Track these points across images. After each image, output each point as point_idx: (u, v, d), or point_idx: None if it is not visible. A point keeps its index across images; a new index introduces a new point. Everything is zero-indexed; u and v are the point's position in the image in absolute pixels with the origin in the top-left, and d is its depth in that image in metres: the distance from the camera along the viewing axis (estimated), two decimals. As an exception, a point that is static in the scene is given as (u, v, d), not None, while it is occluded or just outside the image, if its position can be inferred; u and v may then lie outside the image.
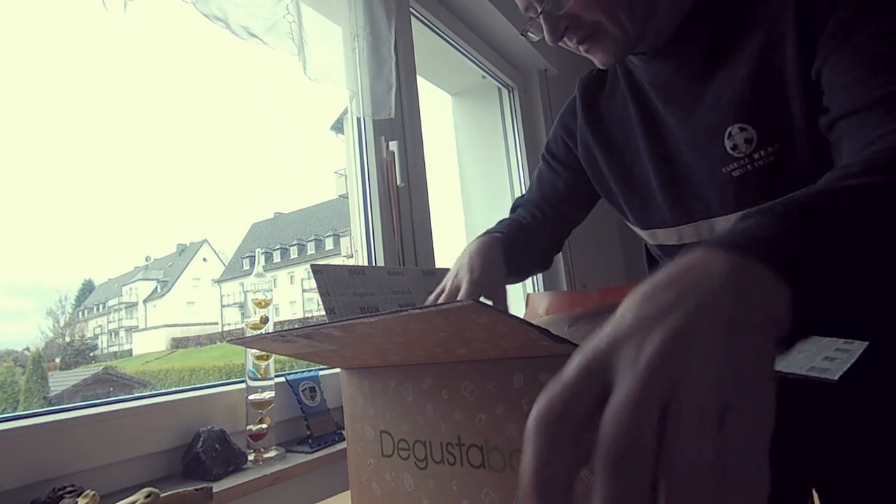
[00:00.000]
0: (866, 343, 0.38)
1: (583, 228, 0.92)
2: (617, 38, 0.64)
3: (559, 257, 1.89)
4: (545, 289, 1.82)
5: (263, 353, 0.88)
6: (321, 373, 1.02)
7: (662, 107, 0.69)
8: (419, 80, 1.44)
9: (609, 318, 0.26)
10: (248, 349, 0.89)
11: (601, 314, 0.65)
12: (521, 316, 0.78)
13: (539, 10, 0.63)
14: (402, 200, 1.30)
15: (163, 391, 0.89)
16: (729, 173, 0.62)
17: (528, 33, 0.70)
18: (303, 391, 0.96)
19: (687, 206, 0.68)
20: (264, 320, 0.89)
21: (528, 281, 1.83)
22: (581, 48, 0.67)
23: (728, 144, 0.61)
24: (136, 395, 0.88)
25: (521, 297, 0.77)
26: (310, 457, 0.85)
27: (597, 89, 0.80)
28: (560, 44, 0.68)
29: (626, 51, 0.66)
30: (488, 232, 0.82)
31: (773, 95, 0.57)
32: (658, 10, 0.63)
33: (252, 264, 0.97)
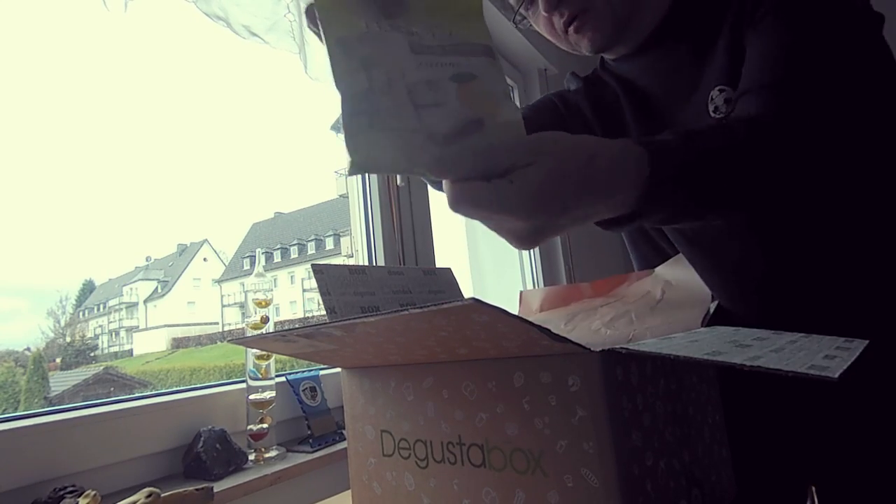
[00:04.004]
0: (867, 342, 0.38)
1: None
2: (607, 16, 0.66)
3: (558, 252, 1.89)
4: (545, 285, 1.82)
5: (264, 352, 0.88)
6: (322, 372, 1.02)
7: (660, 96, 0.71)
8: (419, 79, 1.44)
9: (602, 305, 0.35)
10: (249, 349, 0.89)
11: (595, 309, 0.65)
12: (516, 314, 0.78)
13: None
14: (402, 200, 1.30)
15: (163, 391, 0.89)
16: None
17: (519, 25, 0.72)
18: (303, 391, 0.96)
19: None
20: (265, 320, 0.89)
21: (527, 277, 1.83)
22: (571, 29, 0.68)
23: (711, 108, 0.64)
24: (137, 395, 0.88)
25: (516, 295, 0.77)
26: (310, 456, 0.86)
27: (593, 87, 0.81)
28: (550, 32, 0.70)
29: (613, 34, 0.68)
30: None
31: (743, 60, 0.61)
32: None
33: (252, 264, 0.97)
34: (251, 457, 0.84)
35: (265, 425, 0.86)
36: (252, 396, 0.87)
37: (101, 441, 0.73)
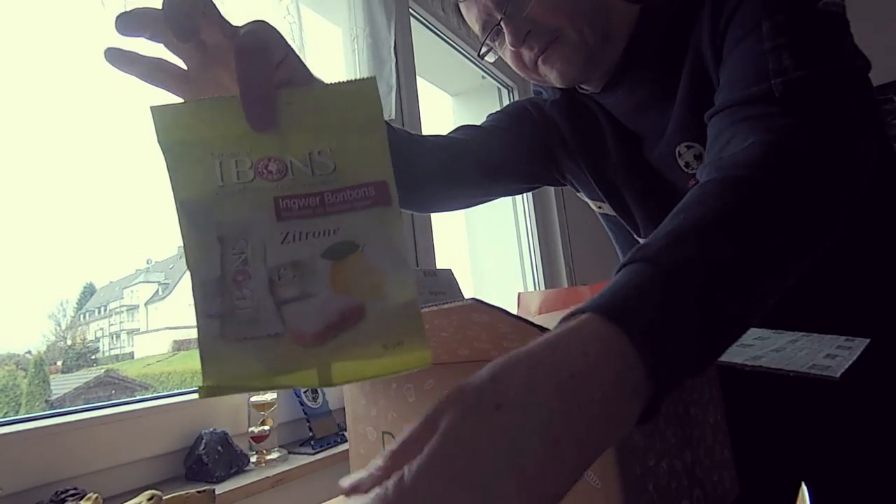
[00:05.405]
0: (867, 340, 0.38)
1: (583, 224, 0.91)
2: (577, 47, 0.63)
3: (559, 252, 1.89)
4: (546, 287, 1.82)
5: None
6: (323, 374, 1.02)
7: (635, 131, 0.69)
8: (419, 80, 1.44)
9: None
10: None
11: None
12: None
13: (499, 17, 0.62)
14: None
15: (165, 394, 0.89)
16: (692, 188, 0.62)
17: (486, 57, 0.69)
18: (305, 393, 0.96)
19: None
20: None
21: (528, 278, 1.83)
22: (540, 60, 0.65)
23: (681, 163, 0.62)
24: (138, 397, 0.88)
25: (514, 297, 0.77)
26: (312, 458, 0.86)
27: (572, 103, 0.76)
28: (518, 65, 0.67)
29: (584, 66, 0.64)
30: None
31: (707, 111, 0.55)
32: (613, 29, 0.63)
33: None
34: (253, 459, 0.84)
35: (266, 427, 0.86)
36: (253, 398, 0.87)
37: (103, 444, 0.73)
